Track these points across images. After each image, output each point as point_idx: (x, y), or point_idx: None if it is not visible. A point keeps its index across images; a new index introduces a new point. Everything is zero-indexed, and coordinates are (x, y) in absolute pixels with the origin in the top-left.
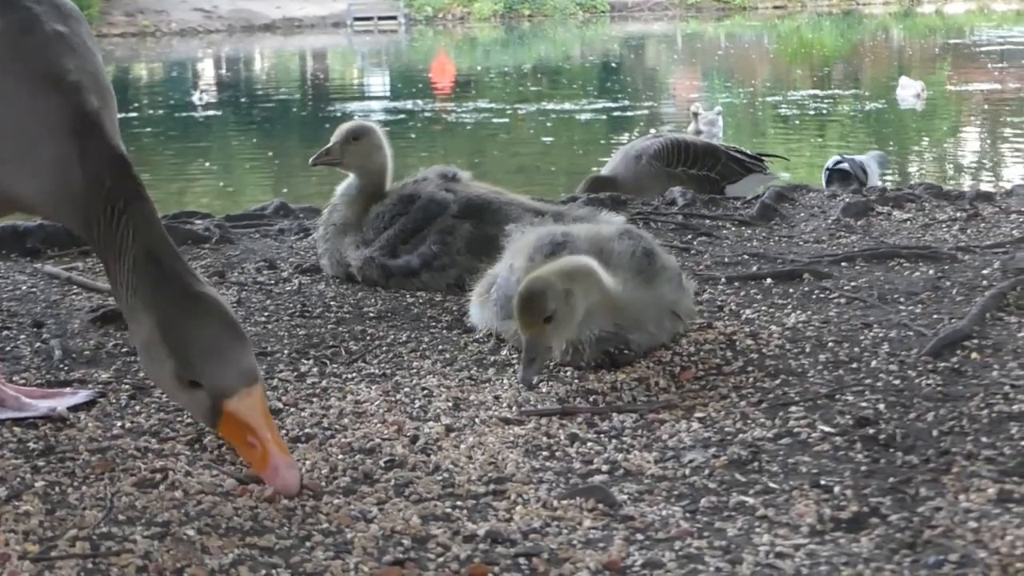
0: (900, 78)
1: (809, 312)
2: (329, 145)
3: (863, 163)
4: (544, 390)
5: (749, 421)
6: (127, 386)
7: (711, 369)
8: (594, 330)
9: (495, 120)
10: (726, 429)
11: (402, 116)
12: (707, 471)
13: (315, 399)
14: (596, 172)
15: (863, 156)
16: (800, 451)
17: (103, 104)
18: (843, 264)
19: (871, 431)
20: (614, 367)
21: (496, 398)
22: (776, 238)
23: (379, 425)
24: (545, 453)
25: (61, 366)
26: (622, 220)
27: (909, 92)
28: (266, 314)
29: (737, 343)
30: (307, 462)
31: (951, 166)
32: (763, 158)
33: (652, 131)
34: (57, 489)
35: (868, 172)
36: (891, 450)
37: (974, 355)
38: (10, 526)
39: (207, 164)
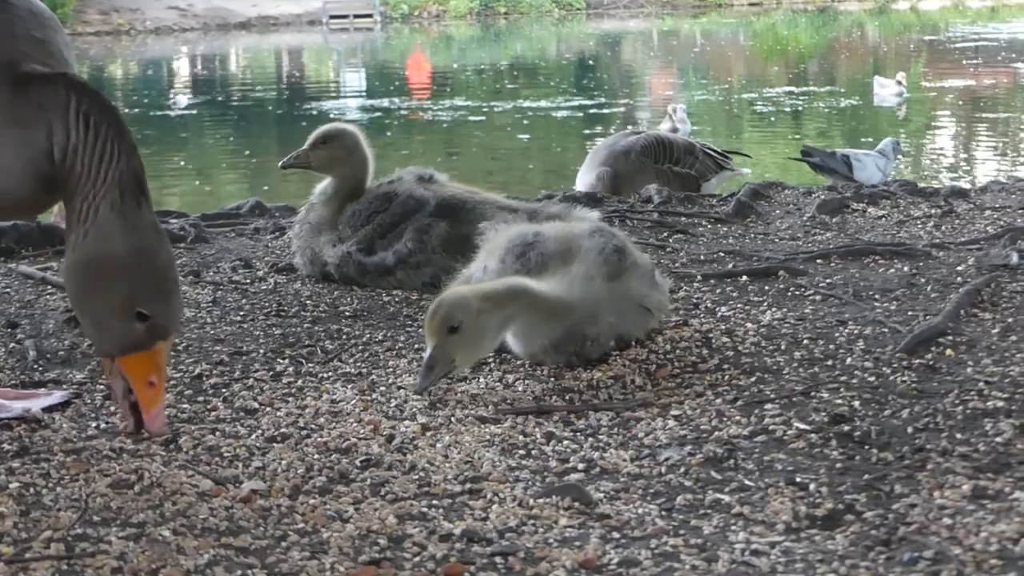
0: (875, 78)
1: (784, 309)
2: (300, 149)
3: (849, 156)
4: (520, 388)
5: (725, 419)
6: (102, 387)
7: (687, 367)
8: (545, 341)
9: (471, 118)
10: (702, 427)
11: (378, 114)
12: (683, 469)
13: (291, 398)
14: (606, 169)
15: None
16: (776, 448)
17: None
18: (818, 261)
19: (846, 428)
20: (589, 365)
21: (472, 397)
22: (752, 235)
23: (355, 424)
24: (521, 452)
25: (35, 367)
26: (596, 216)
27: (888, 91)
28: (241, 313)
29: (713, 341)
30: (283, 462)
31: (926, 163)
32: (728, 155)
33: (630, 127)
34: (32, 490)
35: (853, 165)
36: (866, 447)
37: (949, 352)
38: None
39: (182, 163)
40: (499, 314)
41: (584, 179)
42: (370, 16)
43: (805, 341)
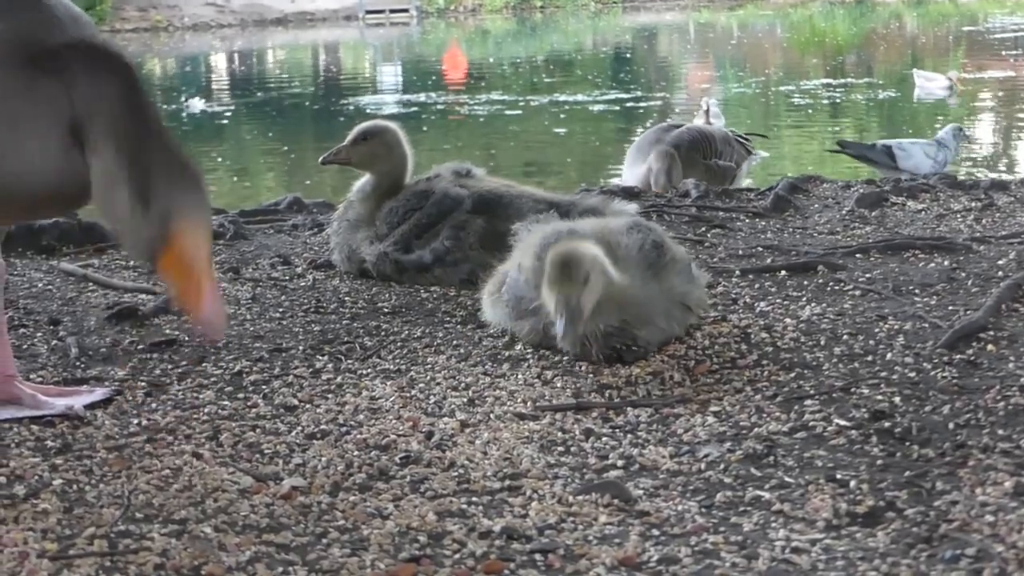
0: (914, 71)
1: (824, 304)
2: (340, 145)
3: (891, 146)
4: (559, 385)
5: (764, 415)
6: (143, 384)
7: (726, 363)
8: (600, 325)
9: (508, 112)
10: (741, 423)
11: (415, 109)
12: (722, 466)
13: (330, 395)
14: (668, 164)
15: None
16: (815, 445)
17: None
18: (857, 256)
19: (887, 424)
20: (624, 363)
21: (511, 393)
22: (790, 230)
23: (394, 421)
24: (560, 448)
25: (77, 364)
26: (634, 208)
27: (935, 84)
28: (280, 310)
29: (752, 336)
30: (323, 458)
31: (965, 155)
32: (748, 138)
33: (668, 120)
34: (75, 487)
35: (897, 155)
36: (907, 443)
37: (990, 347)
38: (28, 524)
39: (220, 159)
40: (596, 272)
41: (639, 172)
42: (406, 11)
43: (844, 336)
